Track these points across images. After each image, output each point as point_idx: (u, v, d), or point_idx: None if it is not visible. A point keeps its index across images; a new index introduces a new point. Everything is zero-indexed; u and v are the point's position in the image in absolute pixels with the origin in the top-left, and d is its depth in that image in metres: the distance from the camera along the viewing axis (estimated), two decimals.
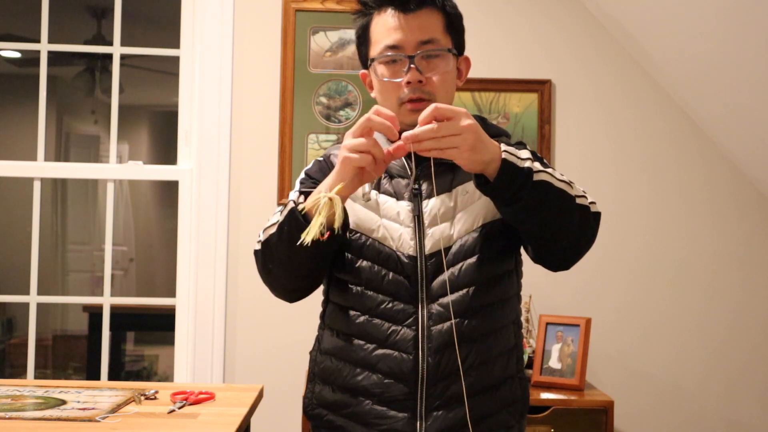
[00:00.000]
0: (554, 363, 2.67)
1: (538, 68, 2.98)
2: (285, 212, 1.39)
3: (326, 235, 1.30)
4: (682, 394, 2.96)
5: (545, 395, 2.56)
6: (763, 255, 2.99)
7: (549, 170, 1.36)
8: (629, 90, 2.99)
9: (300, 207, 1.37)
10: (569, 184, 1.39)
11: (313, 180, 1.53)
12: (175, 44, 2.98)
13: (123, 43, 3.03)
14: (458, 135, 1.26)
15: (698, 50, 2.66)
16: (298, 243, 1.30)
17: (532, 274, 2.90)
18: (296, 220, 1.35)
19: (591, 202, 1.44)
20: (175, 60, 2.99)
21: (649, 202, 2.99)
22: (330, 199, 1.31)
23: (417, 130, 1.27)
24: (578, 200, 1.40)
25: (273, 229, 1.41)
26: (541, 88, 2.96)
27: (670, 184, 2.99)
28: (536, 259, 1.48)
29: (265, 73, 2.94)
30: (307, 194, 1.42)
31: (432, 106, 1.28)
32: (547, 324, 2.72)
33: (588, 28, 2.99)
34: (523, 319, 2.81)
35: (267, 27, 2.95)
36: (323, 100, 2.94)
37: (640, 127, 2.99)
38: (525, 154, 1.34)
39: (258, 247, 1.46)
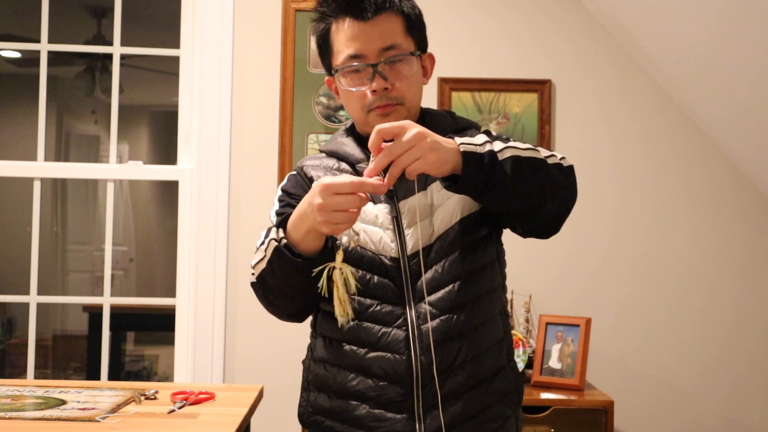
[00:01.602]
0: (554, 363, 2.67)
1: (538, 68, 2.98)
2: (270, 250, 1.39)
3: (350, 309, 1.35)
4: (682, 394, 2.96)
5: (545, 395, 2.56)
6: (764, 255, 2.99)
7: (511, 144, 1.34)
8: (629, 90, 2.99)
9: (283, 242, 1.37)
10: (535, 149, 1.37)
11: (292, 196, 1.52)
12: (175, 44, 2.98)
13: (123, 43, 3.03)
14: (413, 147, 1.23)
15: (698, 50, 2.66)
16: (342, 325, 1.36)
17: (532, 274, 2.92)
18: (284, 256, 1.36)
19: (562, 158, 1.41)
20: (175, 60, 2.99)
21: (649, 202, 2.99)
22: (340, 269, 1.33)
23: (373, 163, 1.26)
24: (549, 161, 1.38)
25: (263, 265, 1.42)
26: (541, 88, 2.96)
27: (670, 184, 2.99)
28: (527, 233, 1.47)
29: (265, 73, 2.94)
30: (284, 221, 1.41)
31: (375, 130, 1.25)
32: (547, 324, 2.72)
33: (588, 28, 2.99)
34: (523, 319, 2.83)
35: (267, 27, 2.95)
36: (323, 100, 2.94)
37: (641, 128, 2.99)
38: (480, 138, 1.32)
39: (253, 280, 1.47)
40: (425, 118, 1.56)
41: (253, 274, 1.46)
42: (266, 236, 1.45)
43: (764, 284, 2.99)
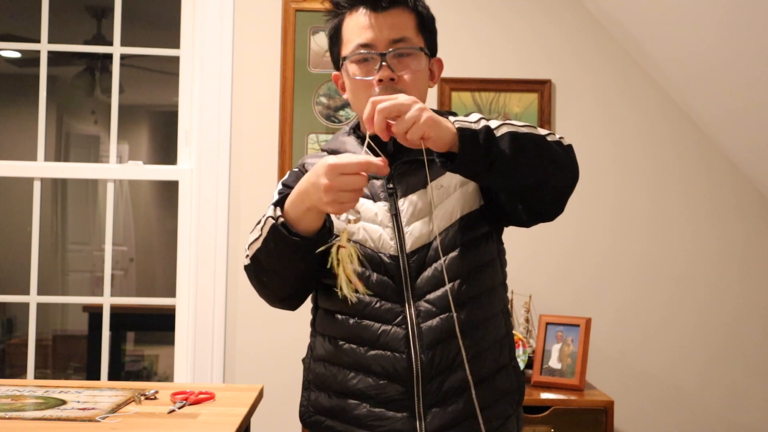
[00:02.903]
0: (554, 363, 2.67)
1: (538, 68, 2.98)
2: (266, 228, 1.38)
3: (360, 284, 1.32)
4: (682, 394, 2.96)
5: (545, 395, 2.56)
6: (764, 255, 2.99)
7: (507, 122, 1.34)
8: (629, 90, 2.99)
9: (281, 220, 1.36)
10: (533, 127, 1.37)
11: (291, 189, 1.53)
12: (175, 44, 2.98)
13: (123, 43, 3.03)
14: (405, 112, 1.24)
15: (698, 50, 2.66)
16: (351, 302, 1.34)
17: (532, 274, 2.92)
18: (281, 235, 1.35)
19: (561, 137, 1.41)
20: (175, 60, 2.99)
21: (649, 202, 2.99)
22: (344, 247, 1.32)
23: (368, 110, 1.26)
24: (549, 138, 1.38)
25: (258, 244, 1.40)
26: (541, 88, 2.96)
27: (670, 184, 2.99)
28: (531, 217, 1.46)
29: (265, 73, 2.94)
30: (281, 201, 1.40)
31: (370, 101, 1.26)
32: (547, 324, 2.72)
33: (588, 28, 2.99)
34: (523, 319, 2.83)
35: (267, 27, 2.95)
36: (323, 100, 2.94)
37: (640, 127, 2.99)
38: (475, 116, 1.33)
39: (247, 262, 1.45)
40: None
41: (247, 255, 1.45)
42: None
43: (764, 284, 2.99)
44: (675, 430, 2.95)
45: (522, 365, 2.67)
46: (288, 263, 1.39)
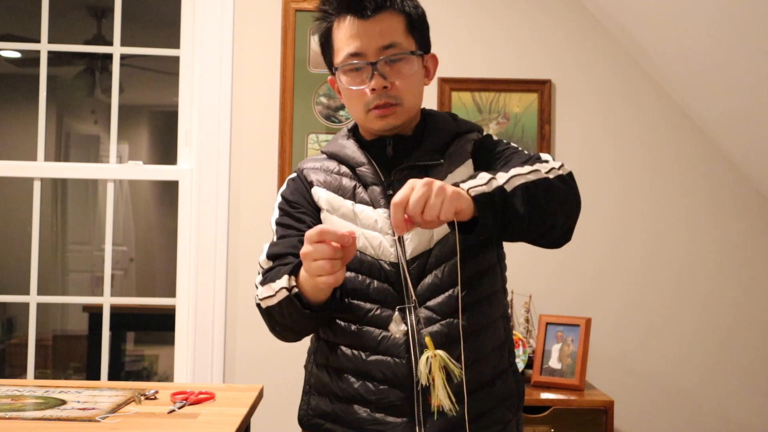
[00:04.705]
0: (554, 363, 2.67)
1: (538, 68, 2.98)
2: (280, 295, 1.39)
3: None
4: (682, 394, 2.96)
5: (545, 395, 2.56)
6: (764, 255, 2.99)
7: (513, 172, 1.32)
8: (629, 90, 2.99)
9: (294, 290, 1.37)
10: (535, 169, 1.35)
11: (291, 204, 1.53)
12: (175, 44, 2.98)
13: (123, 43, 3.03)
14: (428, 199, 1.21)
15: (698, 50, 2.66)
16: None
17: (532, 274, 2.92)
18: (294, 305, 1.38)
19: (560, 166, 1.40)
20: (175, 60, 2.99)
21: (649, 202, 2.99)
22: (435, 355, 1.30)
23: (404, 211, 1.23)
24: (551, 175, 1.37)
25: (272, 302, 1.41)
26: (541, 88, 2.96)
27: (670, 184, 2.99)
28: (536, 245, 1.47)
29: (265, 73, 2.94)
30: (296, 268, 1.40)
31: (392, 206, 1.22)
32: (547, 324, 2.72)
33: (588, 28, 2.99)
34: (523, 319, 2.83)
35: (267, 27, 2.95)
36: (323, 100, 2.94)
37: (640, 127, 2.99)
38: (484, 177, 1.30)
39: (259, 304, 1.46)
40: (427, 120, 1.55)
41: (258, 305, 1.46)
42: (270, 256, 1.46)
43: (764, 284, 2.99)
44: (675, 430, 2.95)
45: (522, 365, 2.67)
46: (301, 324, 1.44)
